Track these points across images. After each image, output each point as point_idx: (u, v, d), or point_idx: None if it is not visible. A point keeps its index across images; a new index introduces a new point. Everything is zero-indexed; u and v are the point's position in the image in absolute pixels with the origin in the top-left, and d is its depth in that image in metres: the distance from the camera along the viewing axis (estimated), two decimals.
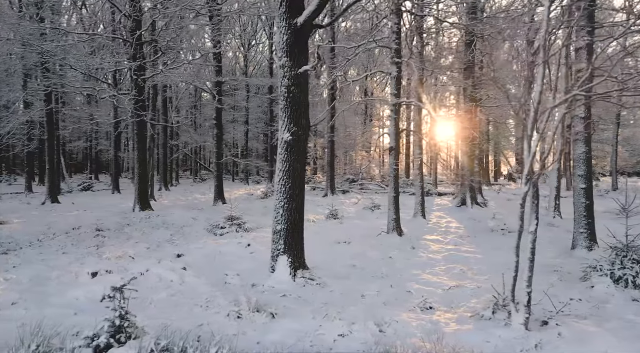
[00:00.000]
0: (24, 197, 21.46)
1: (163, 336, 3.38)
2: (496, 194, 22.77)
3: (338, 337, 3.64)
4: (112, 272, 5.69)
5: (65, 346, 3.38)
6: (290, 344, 3.55)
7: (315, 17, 5.34)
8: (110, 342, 3.39)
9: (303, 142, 5.71)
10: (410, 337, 3.62)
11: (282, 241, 5.75)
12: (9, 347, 3.21)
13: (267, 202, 19.20)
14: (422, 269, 6.58)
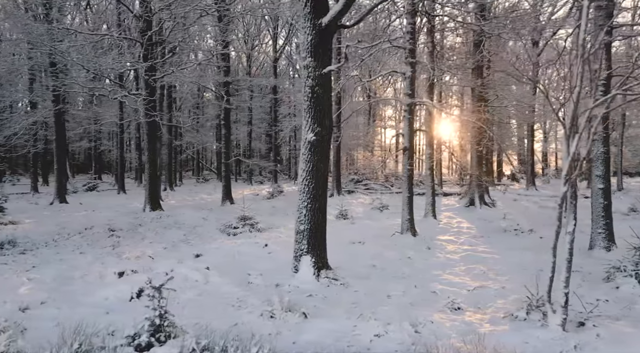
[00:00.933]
0: (31, 196, 21.48)
1: (203, 335, 3.38)
2: (502, 194, 22.73)
3: (374, 337, 3.64)
4: (137, 272, 5.69)
5: (106, 344, 3.40)
6: (326, 344, 3.56)
7: (341, 17, 5.35)
8: (150, 340, 3.40)
9: (326, 142, 5.71)
10: (447, 338, 3.62)
11: (305, 241, 5.76)
12: (51, 345, 3.22)
13: (273, 202, 19.22)
14: (442, 269, 6.58)
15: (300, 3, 5.46)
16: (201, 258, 7.01)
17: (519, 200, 20.81)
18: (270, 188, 27.25)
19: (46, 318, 4.11)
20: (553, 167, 48.71)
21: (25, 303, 4.61)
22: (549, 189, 28.56)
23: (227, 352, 3.31)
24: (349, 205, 17.55)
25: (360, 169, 31.01)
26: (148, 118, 12.19)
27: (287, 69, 41.92)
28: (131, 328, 3.47)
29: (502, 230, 10.72)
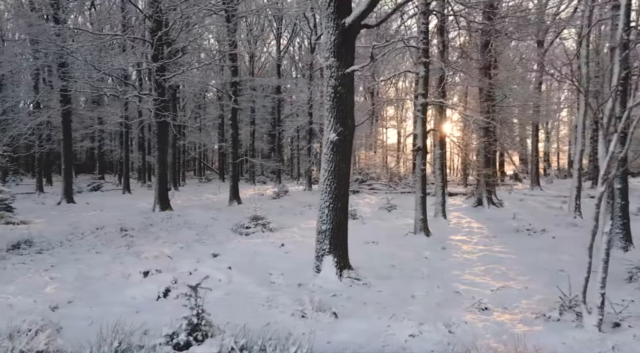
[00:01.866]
0: (37, 196, 21.50)
1: (240, 334, 3.38)
2: (507, 194, 22.73)
3: (409, 337, 3.64)
4: (161, 271, 5.70)
5: (144, 343, 3.40)
6: (361, 344, 3.56)
7: (365, 17, 5.35)
8: (189, 339, 3.40)
9: (349, 142, 5.71)
10: (481, 338, 3.62)
11: (327, 241, 5.75)
12: (90, 344, 3.23)
13: (280, 201, 19.20)
14: (461, 269, 6.58)
15: (324, 3, 5.46)
16: (219, 258, 7.01)
17: (524, 200, 20.83)
18: (275, 189, 27.26)
19: (78, 317, 4.11)
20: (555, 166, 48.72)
21: (54, 302, 4.62)
22: (553, 189, 28.57)
23: (265, 351, 3.31)
24: (357, 205, 17.53)
25: (365, 169, 31.00)
26: (159, 118, 12.18)
27: (290, 69, 41.96)
28: (168, 327, 3.47)
29: (514, 230, 10.71)
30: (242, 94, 34.01)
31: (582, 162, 12.95)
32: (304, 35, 37.24)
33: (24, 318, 3.49)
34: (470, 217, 13.98)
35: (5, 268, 6.46)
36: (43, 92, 18.01)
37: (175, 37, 13.13)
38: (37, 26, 12.49)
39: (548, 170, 43.30)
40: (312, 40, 28.74)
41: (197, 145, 48.94)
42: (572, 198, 12.90)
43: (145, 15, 12.54)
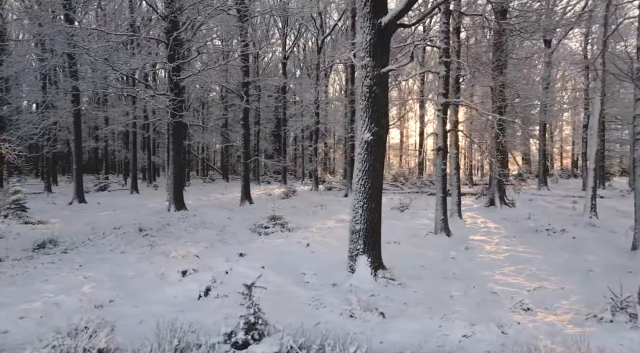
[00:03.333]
0: (46, 196, 21.52)
1: (298, 333, 3.38)
2: (516, 194, 22.73)
3: (462, 337, 3.64)
4: (198, 271, 5.69)
5: (201, 341, 3.40)
6: (415, 344, 3.55)
7: (402, 17, 5.34)
8: (247, 338, 3.40)
9: (383, 142, 5.71)
10: (535, 339, 3.61)
11: (360, 241, 5.75)
12: (150, 342, 3.24)
13: (291, 202, 19.19)
14: (491, 270, 6.57)
15: (360, 3, 5.46)
16: (248, 258, 7.01)
17: (534, 200, 20.83)
18: (283, 189, 27.27)
19: (126, 315, 4.11)
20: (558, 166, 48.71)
21: (97, 301, 4.62)
22: (559, 189, 28.56)
23: (324, 351, 3.31)
24: None
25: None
26: (176, 118, 12.17)
27: (292, 70, 41.96)
28: (224, 325, 3.47)
29: (532, 230, 10.69)
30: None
31: (597, 162, 12.92)
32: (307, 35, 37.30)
33: (81, 317, 3.48)
34: (484, 217, 13.97)
35: (35, 268, 6.47)
36: (53, 93, 17.98)
37: (190, 37, 13.13)
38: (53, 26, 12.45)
39: (552, 170, 43.38)
40: (319, 41, 28.72)
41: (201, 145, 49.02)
42: (588, 199, 12.89)
43: (161, 16, 12.52)
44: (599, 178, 30.19)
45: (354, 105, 23.68)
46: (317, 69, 29.35)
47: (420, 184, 27.31)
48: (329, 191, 26.59)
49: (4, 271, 6.27)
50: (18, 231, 9.61)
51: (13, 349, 3.33)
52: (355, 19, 23.41)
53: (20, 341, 3.47)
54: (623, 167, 42.73)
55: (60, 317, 3.98)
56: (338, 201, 19.08)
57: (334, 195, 22.93)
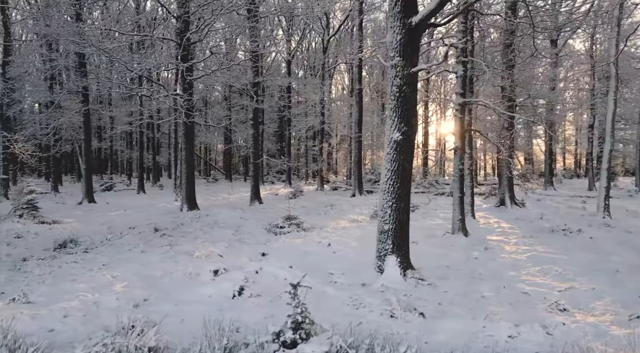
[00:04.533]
0: (53, 196, 21.50)
1: (347, 333, 3.38)
2: (524, 194, 22.73)
3: (508, 338, 3.63)
4: (229, 270, 5.68)
5: (248, 341, 3.40)
6: (460, 345, 3.55)
7: (433, 16, 5.34)
8: (295, 338, 3.40)
9: (412, 142, 5.70)
10: (582, 340, 3.60)
11: (389, 241, 5.75)
12: (200, 340, 3.25)
13: (299, 201, 19.18)
14: (516, 270, 6.56)
15: (390, 2, 5.45)
16: (272, 257, 7.00)
17: (542, 200, 20.83)
18: (288, 189, 27.30)
19: (166, 314, 4.10)
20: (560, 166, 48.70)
21: (133, 300, 4.63)
22: (564, 189, 28.57)
23: (373, 350, 3.31)
24: (375, 205, 17.55)
25: (377, 169, 31.01)
26: (190, 118, 12.17)
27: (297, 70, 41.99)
28: (272, 325, 3.47)
29: (548, 230, 10.67)
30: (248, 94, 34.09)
31: (610, 162, 12.91)
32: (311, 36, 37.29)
33: (127, 316, 3.48)
34: (496, 217, 13.96)
35: (60, 267, 6.47)
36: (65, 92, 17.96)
37: (202, 38, 13.13)
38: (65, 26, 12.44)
39: (555, 170, 43.39)
40: (325, 41, 28.71)
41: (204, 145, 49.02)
42: (601, 199, 12.88)
43: (174, 16, 12.52)
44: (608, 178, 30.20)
45: (361, 105, 23.68)
46: (322, 69, 29.36)
47: (427, 184, 27.32)
48: (335, 191, 26.60)
49: (30, 270, 6.28)
50: (36, 231, 9.62)
51: (63, 348, 3.33)
52: (361, 19, 23.45)
53: (68, 339, 3.47)
54: (626, 167, 42.73)
55: (102, 316, 3.99)
56: (347, 201, 19.06)
57: (341, 195, 22.93)
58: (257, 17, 15.81)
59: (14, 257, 7.09)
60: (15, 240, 8.44)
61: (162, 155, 41.93)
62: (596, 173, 30.06)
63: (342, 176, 37.31)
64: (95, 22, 14.16)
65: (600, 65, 27.05)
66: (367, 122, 35.71)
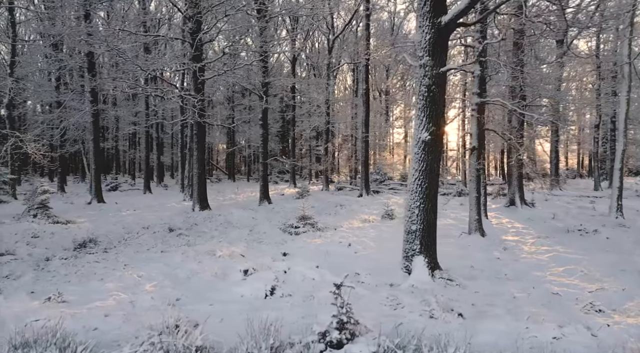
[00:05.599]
0: (61, 196, 21.49)
1: (393, 333, 3.36)
2: (531, 194, 22.70)
3: (552, 339, 3.61)
4: (257, 270, 5.66)
5: (293, 340, 3.39)
6: (506, 346, 3.53)
7: (463, 16, 5.32)
8: (341, 338, 3.38)
9: (440, 142, 5.69)
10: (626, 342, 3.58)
11: (417, 241, 5.73)
12: (246, 340, 3.23)
13: (308, 201, 19.02)
14: (540, 270, 6.54)
15: (419, 2, 5.44)
16: (295, 257, 6.97)
17: (550, 200, 20.77)
18: (294, 188, 27.28)
19: (202, 313, 4.08)
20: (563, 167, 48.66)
21: (166, 299, 4.61)
22: (570, 189, 28.52)
23: (420, 351, 3.29)
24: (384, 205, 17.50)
25: (382, 169, 30.98)
26: (203, 118, 12.15)
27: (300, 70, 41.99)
28: (318, 325, 3.45)
29: (563, 230, 10.64)
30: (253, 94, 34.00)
31: (623, 162, 12.89)
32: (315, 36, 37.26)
33: (169, 315, 3.47)
34: (507, 217, 13.93)
35: (84, 266, 6.46)
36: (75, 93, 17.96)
37: (214, 38, 13.11)
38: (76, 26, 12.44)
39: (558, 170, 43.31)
40: (330, 41, 28.68)
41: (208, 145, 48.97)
42: (614, 199, 12.85)
43: (186, 16, 12.50)
44: (610, 179, 30.18)
45: (368, 105, 23.64)
46: (328, 69, 29.33)
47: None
48: (340, 191, 26.56)
49: (54, 270, 6.27)
50: (52, 231, 9.60)
51: (109, 346, 3.31)
52: (369, 19, 23.42)
53: (114, 338, 3.45)
54: (629, 167, 42.69)
55: (141, 315, 3.98)
56: (355, 201, 19.03)
57: (347, 196, 22.88)
58: (267, 17, 15.80)
59: (36, 257, 7.08)
60: (34, 240, 8.43)
61: (165, 155, 41.96)
62: (601, 173, 30.08)
63: (343, 176, 37.28)
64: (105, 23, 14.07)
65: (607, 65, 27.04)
66: (372, 122, 35.70)
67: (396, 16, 39.34)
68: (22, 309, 4.21)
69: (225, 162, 46.58)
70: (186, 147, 24.97)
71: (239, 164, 52.33)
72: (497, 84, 14.69)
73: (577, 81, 34.44)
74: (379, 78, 40.59)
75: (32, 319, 3.65)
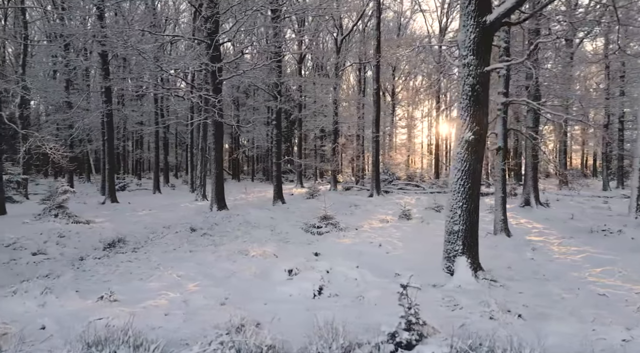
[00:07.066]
0: (72, 196, 21.43)
1: (462, 335, 3.33)
2: (541, 194, 22.66)
3: (622, 341, 3.58)
4: (301, 270, 5.63)
5: (361, 340, 3.37)
6: (575, 349, 3.50)
7: (509, 15, 5.29)
8: (411, 339, 3.35)
9: (483, 142, 5.66)
10: None
11: (459, 242, 5.70)
12: (314, 339, 3.20)
13: (320, 201, 19.08)
14: (577, 271, 6.50)
15: (464, 1, 5.41)
16: (325, 257, 6.92)
17: (562, 200, 20.74)
18: (301, 189, 27.27)
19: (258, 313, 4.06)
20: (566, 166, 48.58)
21: (217, 298, 4.59)
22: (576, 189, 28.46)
23: None
24: (396, 205, 17.46)
25: (390, 169, 30.94)
26: (222, 118, 12.13)
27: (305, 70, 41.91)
28: (386, 325, 3.43)
29: (586, 230, 10.60)
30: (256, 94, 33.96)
31: None
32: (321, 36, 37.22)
33: (234, 314, 3.45)
34: (523, 217, 13.89)
35: (119, 266, 6.43)
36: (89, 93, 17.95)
37: (231, 38, 13.08)
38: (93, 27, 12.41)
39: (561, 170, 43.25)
40: (338, 41, 28.65)
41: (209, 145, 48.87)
42: (633, 199, 12.81)
43: (204, 17, 12.48)
44: (618, 179, 30.15)
45: (379, 104, 23.59)
46: (336, 69, 29.35)
47: (441, 184, 27.26)
48: (348, 191, 26.54)
49: (92, 269, 6.25)
50: (76, 230, 9.58)
51: (178, 345, 3.29)
52: (380, 19, 23.38)
53: (180, 337, 3.42)
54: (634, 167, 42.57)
55: (199, 314, 3.96)
56: (367, 201, 19.00)
57: (357, 195, 22.85)
58: (282, 17, 15.78)
59: (68, 256, 7.06)
60: (61, 240, 8.40)
61: (170, 154, 41.98)
62: (608, 173, 30.01)
63: (347, 176, 37.22)
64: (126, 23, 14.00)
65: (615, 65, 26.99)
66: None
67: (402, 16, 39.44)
68: (76, 308, 4.19)
69: (229, 162, 46.53)
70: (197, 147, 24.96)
71: (242, 163, 52.35)
72: (513, 83, 14.67)
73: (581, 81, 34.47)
74: (384, 78, 40.59)
75: (95, 318, 3.63)
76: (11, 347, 3.03)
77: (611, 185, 29.21)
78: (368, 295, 4.77)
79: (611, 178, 31.05)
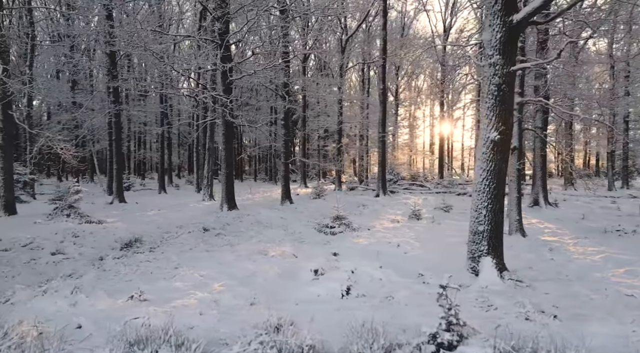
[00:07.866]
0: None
1: (505, 336, 3.30)
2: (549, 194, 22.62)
3: None
4: (326, 270, 5.61)
5: (401, 341, 3.34)
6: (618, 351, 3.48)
7: (536, 14, 5.27)
8: (452, 339, 3.33)
9: (508, 142, 5.63)
10: None
11: (484, 242, 5.67)
12: (354, 340, 3.19)
13: (327, 202, 19.09)
14: (599, 272, 6.47)
15: (490, 0, 5.39)
16: (344, 257, 6.90)
17: (569, 200, 20.73)
18: (306, 188, 27.26)
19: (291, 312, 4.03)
20: None
21: (247, 298, 4.57)
22: (581, 189, 28.43)
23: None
24: (405, 205, 17.44)
25: (395, 169, 30.93)
26: (234, 118, 12.11)
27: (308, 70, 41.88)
28: (427, 326, 3.40)
29: (599, 230, 10.58)
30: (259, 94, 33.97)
31: None
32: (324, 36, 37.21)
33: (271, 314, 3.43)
34: (534, 217, 13.85)
35: (138, 266, 6.41)
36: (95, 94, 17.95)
37: (242, 38, 13.06)
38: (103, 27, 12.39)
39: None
40: (343, 41, 28.65)
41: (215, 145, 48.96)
42: None
43: (214, 17, 12.47)
44: (623, 178, 30.11)
45: (385, 104, 23.57)
46: (340, 69, 29.35)
47: (447, 184, 27.24)
48: (353, 191, 26.52)
49: (112, 269, 6.23)
50: (90, 230, 9.55)
51: (217, 344, 3.27)
52: (386, 19, 23.37)
53: (219, 336, 3.40)
54: (637, 167, 42.62)
55: (232, 314, 3.93)
56: (374, 201, 18.98)
57: (363, 195, 22.83)
58: (290, 17, 15.77)
59: (87, 256, 7.04)
60: (77, 240, 8.38)
61: (173, 154, 42.01)
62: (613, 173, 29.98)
63: (348, 176, 37.20)
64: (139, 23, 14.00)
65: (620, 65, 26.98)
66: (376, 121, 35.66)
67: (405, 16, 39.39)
68: (107, 307, 4.17)
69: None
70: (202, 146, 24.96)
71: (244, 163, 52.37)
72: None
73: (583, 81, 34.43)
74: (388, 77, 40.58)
75: (131, 317, 3.60)
76: (53, 346, 3.01)
77: (616, 185, 29.18)
78: (397, 295, 4.74)
79: (616, 178, 31.02)
